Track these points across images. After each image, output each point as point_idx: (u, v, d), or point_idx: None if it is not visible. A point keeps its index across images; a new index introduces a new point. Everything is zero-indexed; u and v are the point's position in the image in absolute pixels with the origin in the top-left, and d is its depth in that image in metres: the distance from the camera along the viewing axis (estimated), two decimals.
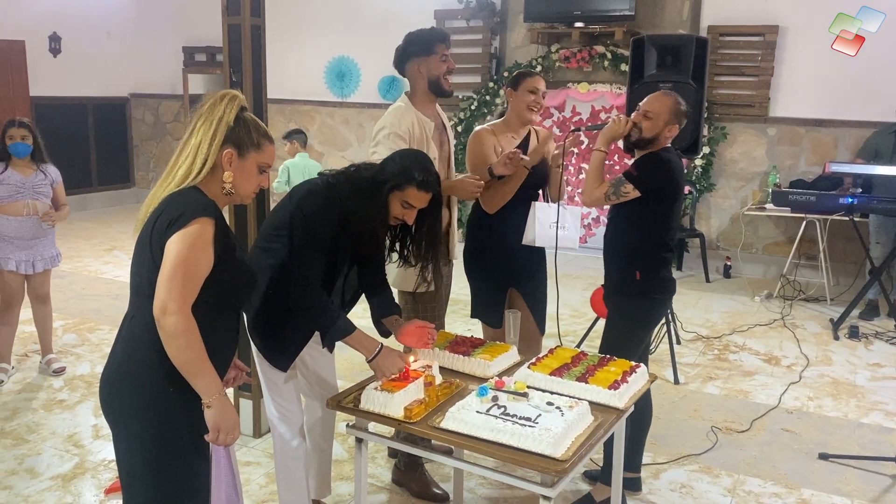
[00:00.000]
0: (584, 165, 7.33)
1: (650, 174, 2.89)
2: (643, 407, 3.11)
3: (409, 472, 3.20)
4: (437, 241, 2.65)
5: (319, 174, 2.56)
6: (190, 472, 1.94)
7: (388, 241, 2.65)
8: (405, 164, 2.47)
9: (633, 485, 3.22)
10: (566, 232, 3.31)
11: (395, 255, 2.68)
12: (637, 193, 2.88)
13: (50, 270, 4.41)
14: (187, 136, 1.96)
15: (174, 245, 1.81)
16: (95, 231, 8.52)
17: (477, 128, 3.41)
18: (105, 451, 3.51)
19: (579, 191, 7.74)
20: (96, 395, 4.07)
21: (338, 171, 2.55)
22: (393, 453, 3.43)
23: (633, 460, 3.18)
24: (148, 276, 1.86)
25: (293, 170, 5.86)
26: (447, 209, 3.16)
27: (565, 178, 3.41)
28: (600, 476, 3.15)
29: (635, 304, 3.01)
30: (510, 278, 3.41)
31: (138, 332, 1.90)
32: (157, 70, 9.89)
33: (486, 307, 3.42)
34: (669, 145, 2.99)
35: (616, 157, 7.33)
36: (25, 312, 5.67)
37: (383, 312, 2.69)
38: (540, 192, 3.41)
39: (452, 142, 3.32)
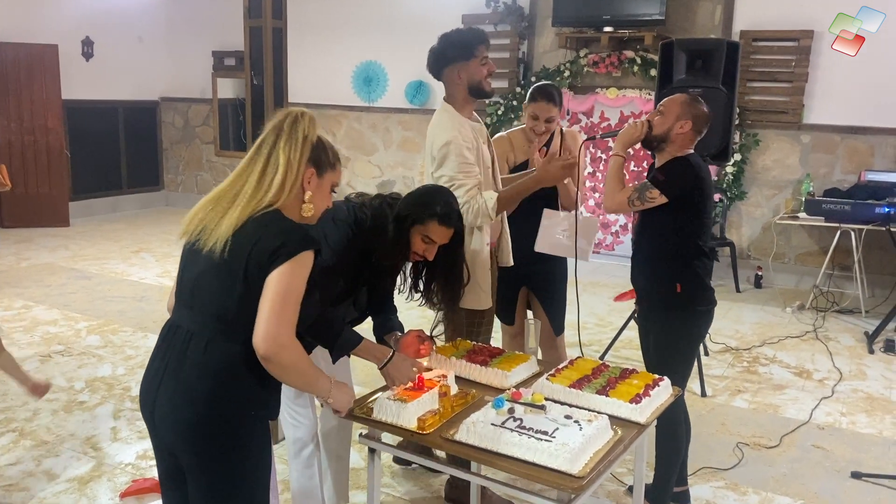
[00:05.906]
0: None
1: (677, 179, 2.80)
2: (683, 419, 3.03)
3: (467, 488, 2.97)
4: (458, 280, 2.60)
5: (346, 199, 2.55)
6: (263, 486, 1.95)
7: (410, 281, 2.66)
8: (426, 199, 2.48)
9: (682, 498, 3.14)
10: (574, 242, 3.23)
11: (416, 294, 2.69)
12: (664, 199, 2.79)
13: None
14: (267, 155, 1.89)
15: (281, 278, 1.76)
16: (124, 233, 8.60)
17: (497, 134, 3.44)
18: (122, 453, 3.50)
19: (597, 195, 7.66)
20: (116, 397, 4.12)
21: (362, 203, 2.55)
22: (397, 460, 3.36)
23: (680, 473, 3.12)
24: (238, 303, 1.81)
25: None
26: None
27: (577, 186, 3.33)
28: (648, 494, 2.99)
29: (680, 319, 2.90)
30: (522, 278, 3.51)
31: (219, 359, 1.83)
32: (187, 74, 9.97)
33: (499, 304, 3.41)
34: (694, 151, 2.89)
35: (644, 164, 7.22)
36: (48, 314, 5.71)
37: (385, 330, 2.67)
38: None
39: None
